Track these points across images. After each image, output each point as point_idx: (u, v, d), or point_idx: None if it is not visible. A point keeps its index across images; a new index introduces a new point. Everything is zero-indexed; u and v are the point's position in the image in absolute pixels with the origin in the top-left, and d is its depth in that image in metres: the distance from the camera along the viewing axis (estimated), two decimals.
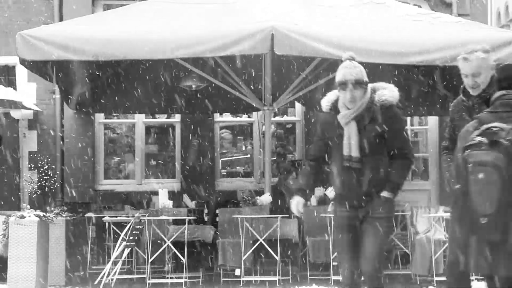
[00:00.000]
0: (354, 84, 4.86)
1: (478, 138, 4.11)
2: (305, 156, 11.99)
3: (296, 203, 5.09)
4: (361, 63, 4.95)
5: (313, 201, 9.93)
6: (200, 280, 9.25)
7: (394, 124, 4.94)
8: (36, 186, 10.75)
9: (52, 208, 9.70)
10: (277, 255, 8.88)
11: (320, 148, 5.15)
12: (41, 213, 8.75)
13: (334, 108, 5.02)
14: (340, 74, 4.92)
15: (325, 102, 5.07)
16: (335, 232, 5.21)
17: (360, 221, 4.98)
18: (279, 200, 10.17)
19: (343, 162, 4.89)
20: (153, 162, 12.27)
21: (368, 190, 4.89)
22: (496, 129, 4.07)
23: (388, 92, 4.94)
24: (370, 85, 4.98)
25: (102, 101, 10.97)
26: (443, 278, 9.25)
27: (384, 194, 4.91)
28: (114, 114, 12.12)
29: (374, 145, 4.87)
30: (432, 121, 12.24)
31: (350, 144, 4.87)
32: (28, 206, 9.15)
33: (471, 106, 5.10)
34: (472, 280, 9.21)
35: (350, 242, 4.98)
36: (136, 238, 9.05)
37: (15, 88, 11.03)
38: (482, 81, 5.02)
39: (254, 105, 10.34)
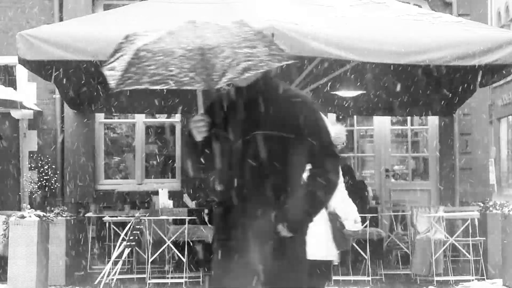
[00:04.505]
0: None
1: None
2: None
3: None
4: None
5: None
6: (200, 280, 9.24)
7: None
8: (36, 186, 10.75)
9: (52, 208, 9.71)
10: None
11: None
12: (41, 213, 8.75)
13: None
14: None
15: None
16: None
17: None
18: None
19: None
20: (153, 162, 12.28)
21: None
22: None
23: None
24: None
25: (102, 101, 10.96)
26: (443, 278, 9.27)
27: None
28: (114, 114, 12.11)
29: None
30: (432, 121, 12.24)
31: None
32: (28, 206, 9.16)
33: None
34: (472, 280, 9.27)
35: None
36: (136, 238, 9.05)
37: (15, 88, 11.04)
38: None
39: None
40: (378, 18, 8.51)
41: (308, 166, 3.55)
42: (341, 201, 5.18)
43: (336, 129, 5.67)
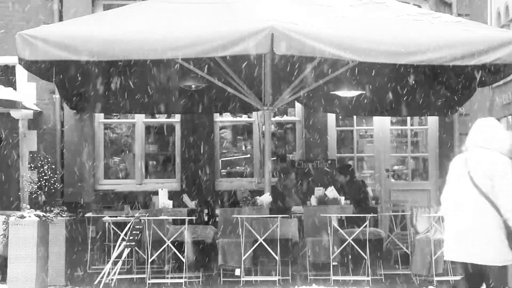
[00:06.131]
0: None
1: None
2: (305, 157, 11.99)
3: None
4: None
5: (313, 201, 9.92)
6: (200, 280, 9.24)
7: None
8: (36, 186, 10.74)
9: (52, 208, 9.70)
10: (277, 255, 8.88)
11: None
12: (41, 213, 8.74)
13: None
14: None
15: None
16: None
17: None
18: (279, 200, 10.17)
19: None
20: (153, 162, 12.28)
21: None
22: None
23: None
24: None
25: (102, 101, 10.97)
26: (443, 278, 9.26)
27: None
28: (114, 114, 12.12)
29: None
30: (432, 121, 12.24)
31: None
32: (28, 206, 9.15)
33: None
34: None
35: None
36: (136, 238, 9.05)
37: (15, 88, 11.03)
38: None
39: (254, 105, 10.34)
40: (378, 18, 8.51)
41: None
42: None
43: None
